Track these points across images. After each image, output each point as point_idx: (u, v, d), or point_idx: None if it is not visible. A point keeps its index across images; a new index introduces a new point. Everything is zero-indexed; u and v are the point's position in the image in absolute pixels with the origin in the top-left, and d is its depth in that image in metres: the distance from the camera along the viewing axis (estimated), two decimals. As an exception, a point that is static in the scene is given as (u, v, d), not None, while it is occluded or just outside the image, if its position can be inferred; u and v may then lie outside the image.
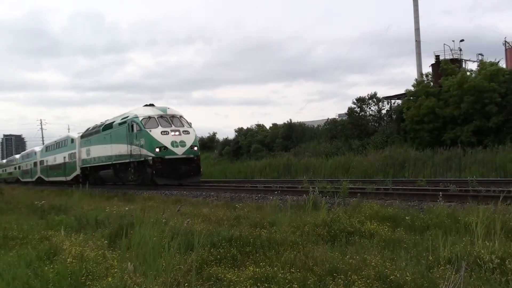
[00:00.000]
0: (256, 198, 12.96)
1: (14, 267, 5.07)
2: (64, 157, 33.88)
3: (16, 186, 36.85)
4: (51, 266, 5.04)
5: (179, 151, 20.48)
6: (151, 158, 20.24)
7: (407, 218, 7.29)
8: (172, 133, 20.70)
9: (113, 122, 25.47)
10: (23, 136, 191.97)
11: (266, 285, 4.33)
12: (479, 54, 37.50)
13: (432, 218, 7.15)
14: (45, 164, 40.47)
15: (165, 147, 20.24)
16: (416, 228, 6.82)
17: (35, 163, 44.42)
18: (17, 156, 58.69)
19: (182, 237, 5.68)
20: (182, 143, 20.66)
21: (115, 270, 4.68)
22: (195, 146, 21.37)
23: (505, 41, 41.44)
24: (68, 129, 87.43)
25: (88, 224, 8.61)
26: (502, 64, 30.87)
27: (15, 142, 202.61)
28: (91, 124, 32.28)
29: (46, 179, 40.06)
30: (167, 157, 20.14)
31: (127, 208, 10.34)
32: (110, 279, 4.38)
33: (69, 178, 32.35)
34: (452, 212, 7.59)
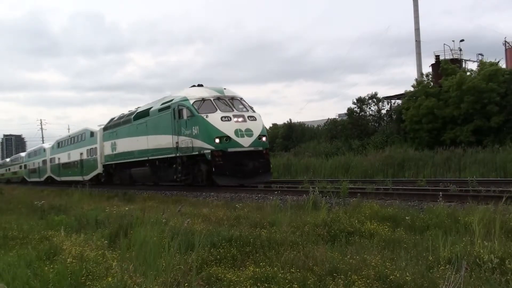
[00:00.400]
0: (256, 198, 12.98)
1: (14, 267, 5.07)
2: (81, 154, 29.85)
3: (16, 186, 36.49)
4: (51, 266, 5.04)
5: (245, 142, 16.21)
6: (209, 151, 15.89)
7: (407, 218, 7.29)
8: (235, 119, 16.42)
9: (150, 108, 20.85)
10: (23, 136, 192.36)
11: (266, 285, 4.33)
12: (479, 54, 37.65)
13: (432, 218, 7.14)
14: (56, 162, 36.32)
15: (228, 137, 15.95)
16: (416, 228, 6.81)
17: (44, 161, 40.21)
18: (23, 154, 53.53)
19: (182, 237, 5.68)
20: (249, 132, 16.39)
21: (115, 270, 4.68)
22: (264, 135, 17.09)
23: (505, 41, 41.52)
24: (68, 129, 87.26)
25: (88, 224, 8.60)
26: (502, 64, 30.98)
27: (15, 142, 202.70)
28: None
29: (57, 179, 36.18)
30: (230, 149, 15.90)
31: (127, 208, 10.35)
32: (110, 279, 4.37)
33: (87, 177, 28.29)
34: (452, 212, 7.58)
